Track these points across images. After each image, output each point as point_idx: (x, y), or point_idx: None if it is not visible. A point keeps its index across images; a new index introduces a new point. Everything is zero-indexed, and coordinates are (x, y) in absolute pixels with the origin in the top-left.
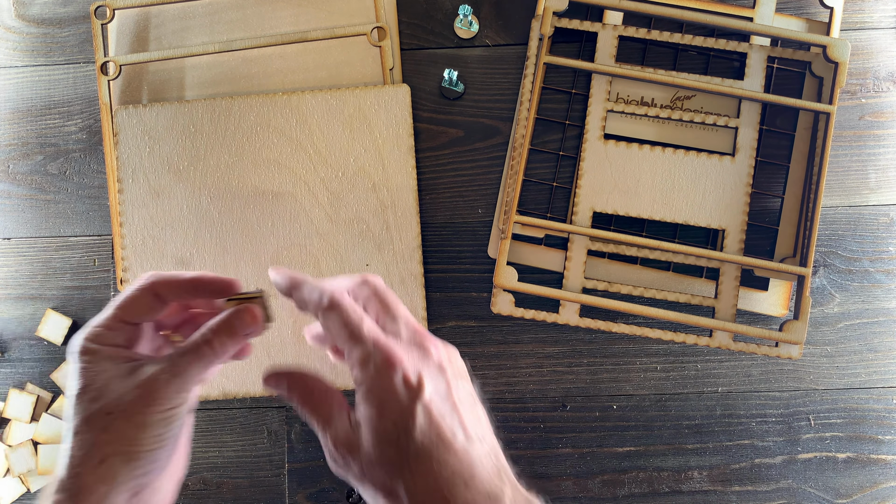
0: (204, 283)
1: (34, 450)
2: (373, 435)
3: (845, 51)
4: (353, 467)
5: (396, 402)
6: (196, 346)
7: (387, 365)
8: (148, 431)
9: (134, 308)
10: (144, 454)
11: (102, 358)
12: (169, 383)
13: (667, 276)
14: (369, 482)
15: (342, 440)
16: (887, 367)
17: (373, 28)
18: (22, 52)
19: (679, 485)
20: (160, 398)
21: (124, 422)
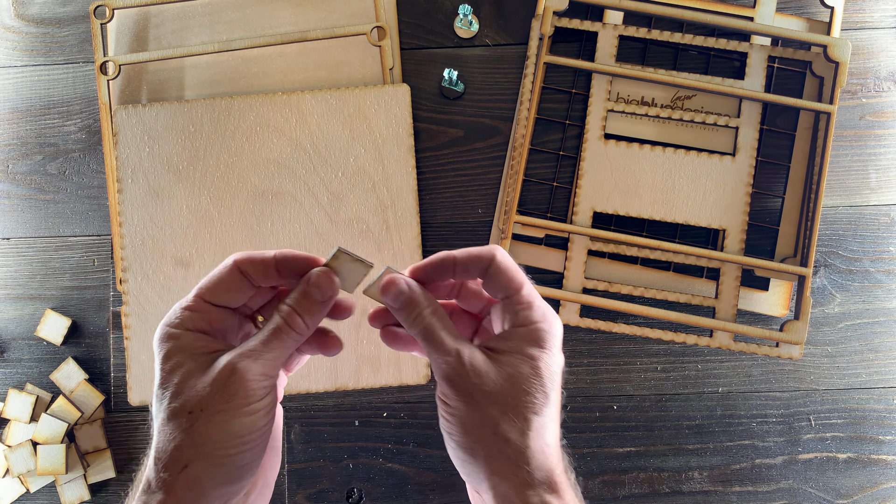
0: (288, 259)
1: (33, 450)
2: (523, 370)
3: (846, 50)
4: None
5: (552, 357)
6: (274, 324)
7: (556, 320)
8: (231, 432)
9: (217, 288)
10: (230, 458)
11: (182, 347)
12: (247, 374)
13: (667, 276)
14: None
15: (481, 359)
16: (888, 367)
17: (373, 28)
18: (21, 51)
19: (679, 485)
20: (240, 392)
21: (205, 423)
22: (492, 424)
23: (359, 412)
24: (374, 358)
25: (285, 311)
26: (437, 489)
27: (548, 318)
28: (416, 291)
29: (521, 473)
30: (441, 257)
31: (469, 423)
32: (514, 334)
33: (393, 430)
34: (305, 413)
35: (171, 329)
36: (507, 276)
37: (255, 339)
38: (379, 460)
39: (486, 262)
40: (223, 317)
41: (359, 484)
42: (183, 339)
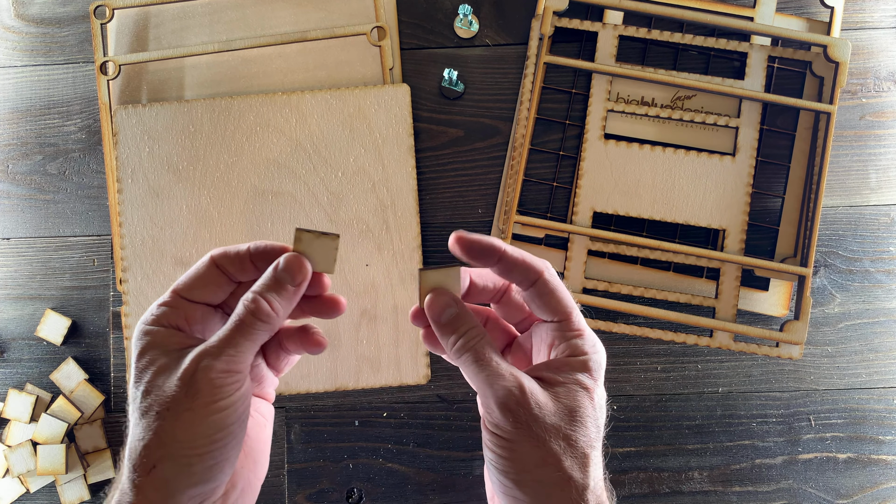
0: (263, 251)
1: (33, 450)
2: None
3: (846, 50)
4: (545, 417)
5: (602, 390)
6: (237, 317)
7: (604, 351)
8: (198, 431)
9: (194, 284)
10: (198, 458)
11: (155, 343)
12: (210, 371)
13: (667, 276)
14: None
15: (538, 391)
16: (888, 367)
17: (373, 28)
18: (21, 51)
19: (679, 485)
20: (204, 390)
21: (171, 422)
22: (555, 462)
23: (359, 412)
24: (374, 358)
25: (249, 299)
26: (437, 489)
27: (598, 349)
28: (465, 309)
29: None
30: (490, 241)
31: (529, 460)
32: (569, 364)
33: (393, 430)
34: (305, 413)
35: (146, 326)
36: (557, 296)
37: (218, 334)
38: (379, 460)
39: (533, 276)
40: (203, 313)
41: (359, 484)
42: (156, 336)
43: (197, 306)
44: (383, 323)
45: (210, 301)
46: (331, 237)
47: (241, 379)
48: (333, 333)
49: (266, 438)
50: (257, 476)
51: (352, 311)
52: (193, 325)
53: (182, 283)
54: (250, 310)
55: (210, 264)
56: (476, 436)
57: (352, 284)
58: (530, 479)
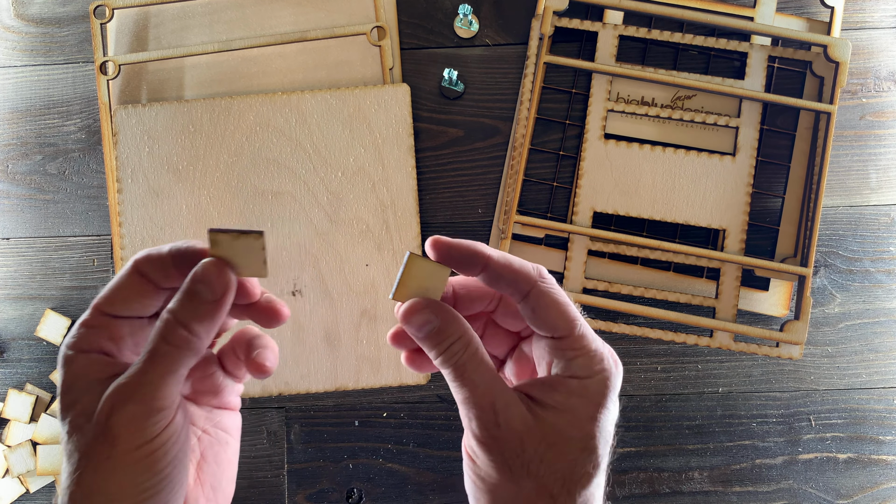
0: (183, 253)
1: (33, 450)
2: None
3: (846, 50)
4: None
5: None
6: (150, 346)
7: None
8: (122, 482)
9: (116, 296)
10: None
11: (76, 374)
12: (124, 413)
13: (667, 276)
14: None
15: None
16: (888, 367)
17: (372, 27)
18: (21, 51)
19: (680, 485)
20: (122, 437)
21: (92, 473)
22: (527, 500)
23: (359, 412)
24: (374, 358)
25: (162, 323)
26: (437, 489)
27: (606, 367)
28: (448, 318)
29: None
30: (472, 247)
31: (501, 496)
32: (565, 386)
33: (393, 431)
34: (305, 413)
35: (66, 351)
36: (554, 311)
37: (133, 367)
38: (379, 460)
39: (525, 286)
40: (132, 329)
41: (359, 484)
42: (78, 365)
43: (124, 321)
44: (383, 323)
45: (138, 314)
46: (253, 236)
47: (167, 416)
48: (333, 333)
49: (229, 458)
50: (220, 500)
51: (352, 311)
52: (121, 344)
53: (103, 296)
54: (161, 334)
55: (132, 272)
56: None
57: (352, 284)
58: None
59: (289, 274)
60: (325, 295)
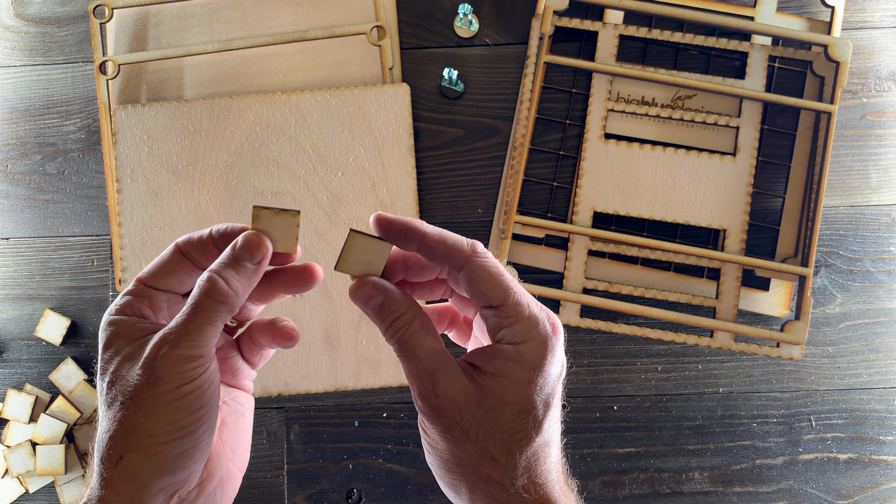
0: (225, 234)
1: (32, 450)
2: (509, 398)
3: (847, 50)
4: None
5: (547, 376)
6: (193, 299)
7: (554, 332)
8: (162, 419)
9: (159, 271)
10: (164, 446)
11: (119, 333)
12: (168, 357)
13: (668, 276)
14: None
15: (458, 388)
16: (889, 367)
17: (372, 27)
18: (20, 51)
19: (680, 486)
20: (165, 377)
21: (135, 411)
22: (472, 463)
23: (358, 413)
24: (373, 358)
25: (204, 279)
26: (437, 490)
27: (541, 331)
28: (391, 297)
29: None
30: (409, 222)
31: (449, 459)
32: (501, 353)
33: (393, 431)
34: (305, 413)
35: (109, 316)
36: (487, 282)
37: (176, 318)
38: (378, 461)
39: (458, 260)
40: (169, 301)
41: (358, 484)
42: (120, 326)
43: (162, 294)
44: None
45: (176, 289)
46: (290, 213)
47: (204, 362)
48: (333, 333)
49: (245, 428)
50: (237, 466)
51: (352, 311)
52: (159, 313)
53: (147, 271)
54: (205, 290)
55: (175, 252)
56: None
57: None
58: (453, 479)
59: None
60: (325, 295)
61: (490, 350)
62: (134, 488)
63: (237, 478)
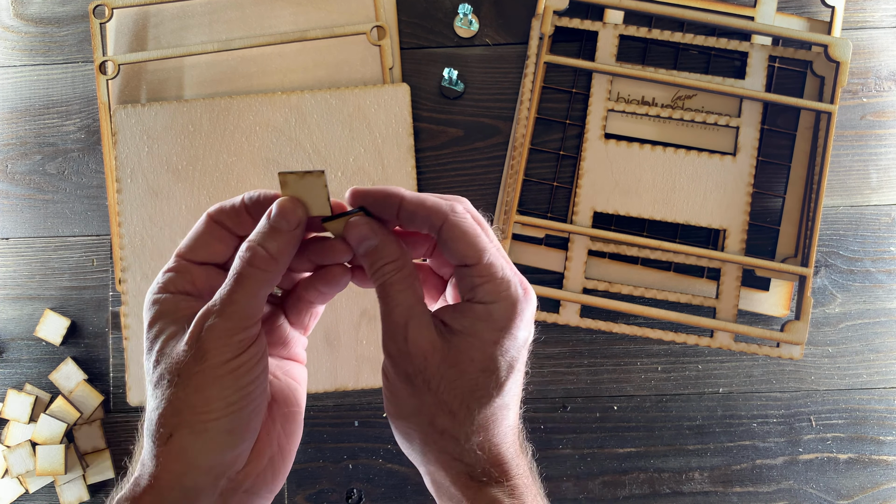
0: (258, 201)
1: (32, 450)
2: (473, 356)
3: (847, 50)
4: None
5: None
6: (235, 270)
7: (525, 295)
8: (210, 395)
9: (196, 244)
10: (214, 423)
11: (164, 311)
12: (213, 331)
13: (668, 276)
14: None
15: (427, 339)
16: (889, 367)
17: (372, 27)
18: (20, 51)
19: (680, 486)
20: (211, 352)
21: (183, 388)
22: (428, 414)
23: (358, 413)
24: (373, 358)
25: (245, 248)
26: None
27: (512, 293)
28: (386, 240)
29: (458, 467)
30: (387, 192)
31: (406, 407)
32: (470, 311)
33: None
34: (305, 413)
35: (154, 295)
36: (463, 242)
37: (220, 292)
38: (378, 461)
39: (437, 220)
40: (211, 275)
41: (358, 484)
42: (165, 304)
43: (203, 268)
44: None
45: (215, 260)
46: (315, 174)
47: (251, 335)
48: (333, 333)
49: (298, 401)
50: (290, 443)
51: (352, 311)
52: (202, 288)
53: (185, 245)
54: (246, 259)
55: (208, 221)
56: None
57: (351, 284)
58: (407, 427)
59: None
60: None
61: (460, 308)
62: (184, 467)
63: (290, 455)
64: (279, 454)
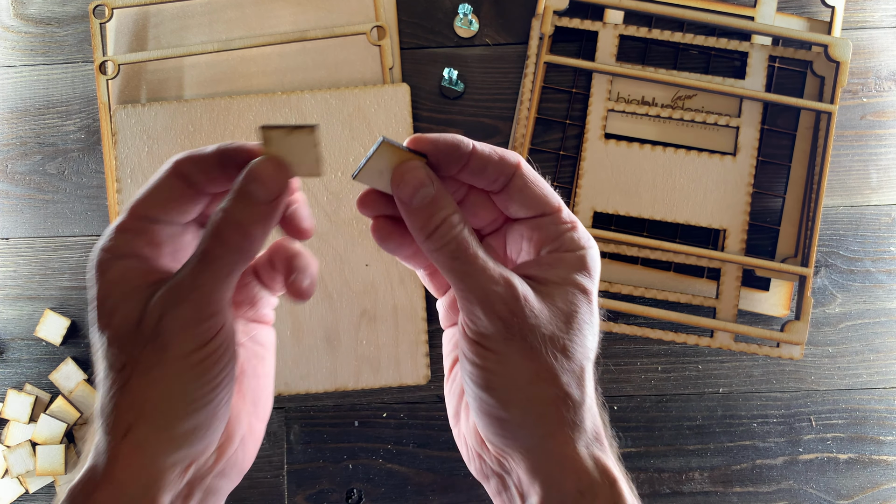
0: (231, 151)
1: (32, 450)
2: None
3: (847, 50)
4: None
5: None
6: (202, 246)
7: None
8: (172, 390)
9: (155, 198)
10: (177, 421)
11: (114, 280)
12: (176, 320)
13: (668, 276)
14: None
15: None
16: (889, 367)
17: (372, 27)
18: (20, 51)
19: (680, 486)
20: (173, 341)
21: (139, 380)
22: (550, 377)
23: (358, 413)
24: (373, 358)
25: (214, 224)
26: (437, 490)
27: (593, 244)
28: (443, 191)
29: (576, 433)
30: (456, 140)
31: (520, 375)
32: (563, 261)
33: (393, 431)
34: (305, 413)
35: (101, 255)
36: (540, 189)
37: (183, 269)
38: (378, 461)
39: (510, 169)
40: (171, 234)
41: (358, 485)
42: (113, 271)
43: (162, 226)
44: (383, 323)
45: (176, 220)
46: (306, 130)
47: (219, 321)
48: (333, 334)
49: (266, 373)
50: (259, 418)
51: (351, 311)
52: (159, 250)
53: (139, 199)
54: (216, 236)
55: (171, 174)
56: None
57: (352, 284)
58: (520, 397)
59: None
60: (325, 295)
61: (549, 260)
62: (144, 461)
63: (259, 432)
64: (249, 433)
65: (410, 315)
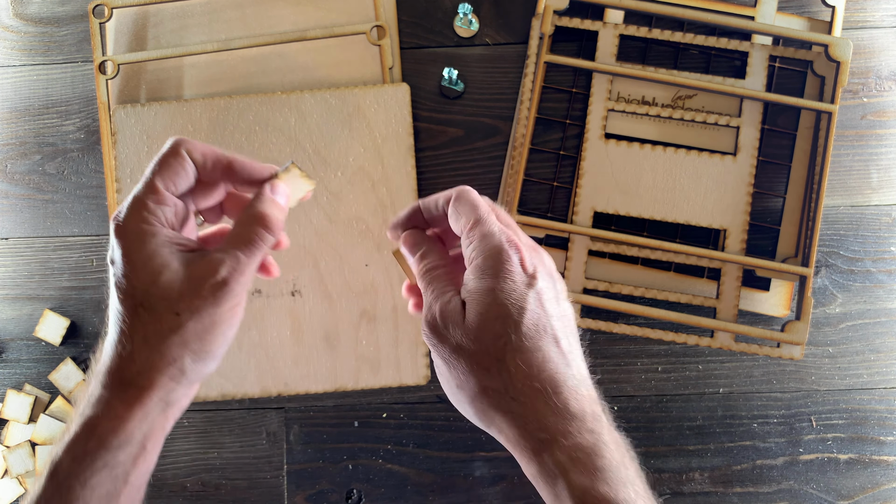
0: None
1: (32, 451)
2: (482, 309)
3: (847, 50)
4: (452, 337)
5: (511, 283)
6: (255, 232)
7: (510, 244)
8: (219, 332)
9: (174, 175)
10: (215, 351)
11: (159, 242)
12: (235, 287)
13: (668, 276)
14: (464, 355)
15: (451, 310)
16: (889, 367)
17: (372, 27)
18: (20, 51)
19: (680, 486)
20: (229, 297)
21: (195, 323)
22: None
23: (358, 413)
24: (373, 359)
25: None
26: (437, 490)
27: (495, 242)
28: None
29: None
30: (410, 210)
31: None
32: (470, 272)
33: (392, 431)
34: (305, 414)
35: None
36: (462, 209)
37: (240, 250)
38: (378, 461)
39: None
40: (179, 209)
41: (358, 485)
42: (160, 237)
43: (169, 196)
44: (383, 323)
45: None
46: (311, 181)
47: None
48: (333, 334)
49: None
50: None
51: (351, 311)
52: (179, 220)
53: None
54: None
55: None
56: (476, 437)
57: (351, 285)
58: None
59: (288, 274)
60: (325, 295)
61: (465, 274)
62: (177, 384)
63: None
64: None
65: (410, 315)
